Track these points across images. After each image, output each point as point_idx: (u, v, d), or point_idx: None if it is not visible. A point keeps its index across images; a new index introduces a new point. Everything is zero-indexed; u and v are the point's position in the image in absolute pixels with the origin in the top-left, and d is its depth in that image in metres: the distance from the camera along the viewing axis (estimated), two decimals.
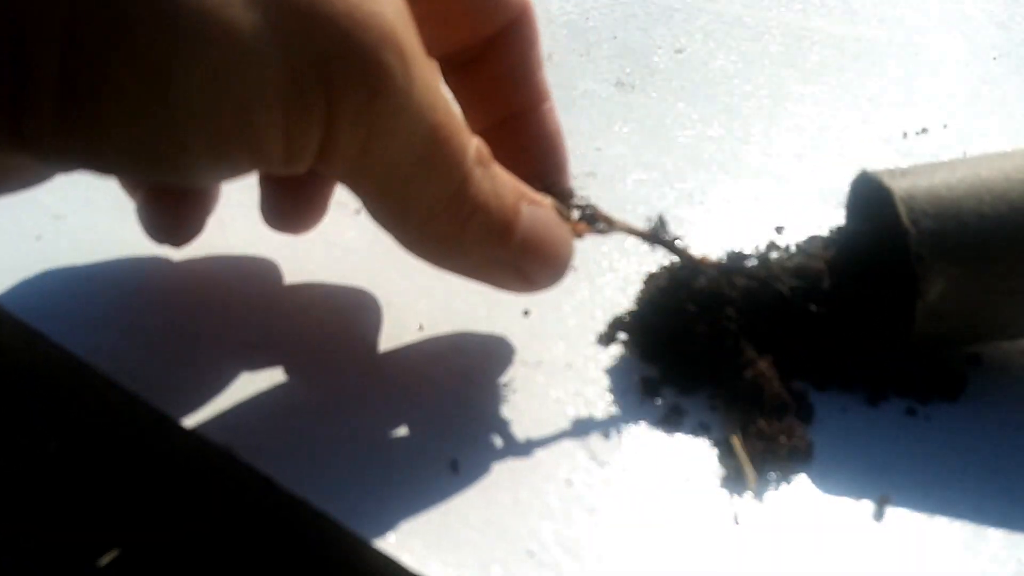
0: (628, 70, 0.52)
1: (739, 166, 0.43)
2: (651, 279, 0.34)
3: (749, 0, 0.61)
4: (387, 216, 0.26)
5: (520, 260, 0.27)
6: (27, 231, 0.38)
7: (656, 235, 0.31)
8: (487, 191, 0.26)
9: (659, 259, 0.36)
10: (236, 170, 0.24)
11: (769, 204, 0.40)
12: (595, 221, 0.30)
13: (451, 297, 0.34)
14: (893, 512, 0.27)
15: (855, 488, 0.27)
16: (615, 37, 0.56)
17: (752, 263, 0.32)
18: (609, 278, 0.35)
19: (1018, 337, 0.31)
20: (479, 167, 0.26)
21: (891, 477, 0.27)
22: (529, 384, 0.31)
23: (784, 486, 0.27)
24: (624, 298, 0.34)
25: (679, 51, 0.54)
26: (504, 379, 0.31)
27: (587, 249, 0.37)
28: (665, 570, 0.25)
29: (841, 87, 0.50)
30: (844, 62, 0.53)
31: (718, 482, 0.27)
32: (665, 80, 0.51)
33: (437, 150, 0.25)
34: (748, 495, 0.27)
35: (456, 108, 0.30)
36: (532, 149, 0.33)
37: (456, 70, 0.33)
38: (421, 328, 0.33)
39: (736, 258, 0.32)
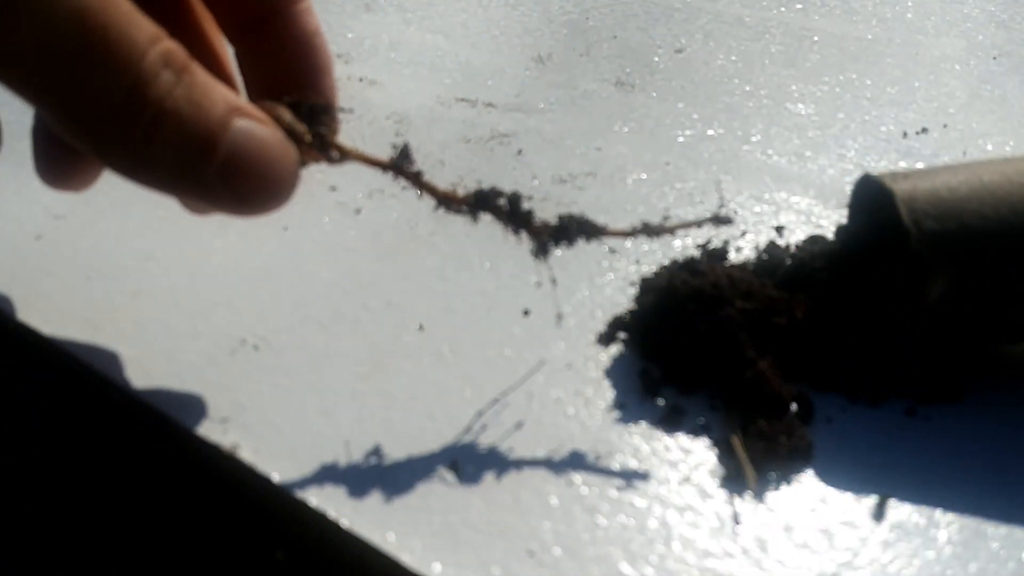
0: (628, 70, 0.52)
1: (739, 166, 0.43)
2: (650, 279, 0.34)
3: (749, 0, 0.61)
4: (56, 119, 0.24)
5: (227, 179, 0.25)
6: (27, 231, 0.38)
7: (398, 166, 0.28)
8: (179, 98, 0.24)
9: (659, 259, 0.36)
10: None
11: (769, 204, 0.40)
12: (326, 148, 0.28)
13: (451, 297, 0.34)
14: (893, 512, 0.27)
15: (855, 488, 0.27)
16: (615, 37, 0.56)
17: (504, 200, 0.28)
18: (609, 278, 0.35)
19: (1019, 341, 0.31)
20: (167, 70, 0.24)
21: (891, 477, 0.28)
22: (529, 384, 0.31)
23: (784, 486, 0.27)
24: (624, 298, 0.34)
25: (679, 51, 0.54)
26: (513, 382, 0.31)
27: (587, 250, 0.37)
28: (665, 570, 0.25)
29: (841, 87, 0.50)
30: (844, 62, 0.53)
31: (718, 482, 0.27)
32: (665, 80, 0.51)
33: (92, 42, 0.22)
34: (748, 495, 0.27)
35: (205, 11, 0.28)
36: (283, 55, 0.31)
37: None
38: (421, 328, 0.33)
39: (488, 195, 0.28)
